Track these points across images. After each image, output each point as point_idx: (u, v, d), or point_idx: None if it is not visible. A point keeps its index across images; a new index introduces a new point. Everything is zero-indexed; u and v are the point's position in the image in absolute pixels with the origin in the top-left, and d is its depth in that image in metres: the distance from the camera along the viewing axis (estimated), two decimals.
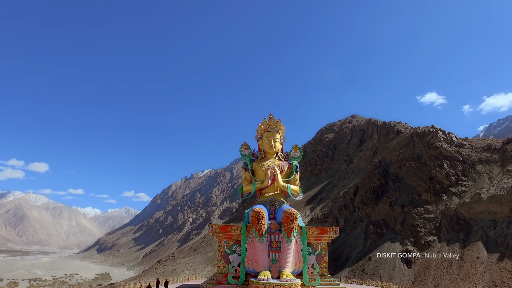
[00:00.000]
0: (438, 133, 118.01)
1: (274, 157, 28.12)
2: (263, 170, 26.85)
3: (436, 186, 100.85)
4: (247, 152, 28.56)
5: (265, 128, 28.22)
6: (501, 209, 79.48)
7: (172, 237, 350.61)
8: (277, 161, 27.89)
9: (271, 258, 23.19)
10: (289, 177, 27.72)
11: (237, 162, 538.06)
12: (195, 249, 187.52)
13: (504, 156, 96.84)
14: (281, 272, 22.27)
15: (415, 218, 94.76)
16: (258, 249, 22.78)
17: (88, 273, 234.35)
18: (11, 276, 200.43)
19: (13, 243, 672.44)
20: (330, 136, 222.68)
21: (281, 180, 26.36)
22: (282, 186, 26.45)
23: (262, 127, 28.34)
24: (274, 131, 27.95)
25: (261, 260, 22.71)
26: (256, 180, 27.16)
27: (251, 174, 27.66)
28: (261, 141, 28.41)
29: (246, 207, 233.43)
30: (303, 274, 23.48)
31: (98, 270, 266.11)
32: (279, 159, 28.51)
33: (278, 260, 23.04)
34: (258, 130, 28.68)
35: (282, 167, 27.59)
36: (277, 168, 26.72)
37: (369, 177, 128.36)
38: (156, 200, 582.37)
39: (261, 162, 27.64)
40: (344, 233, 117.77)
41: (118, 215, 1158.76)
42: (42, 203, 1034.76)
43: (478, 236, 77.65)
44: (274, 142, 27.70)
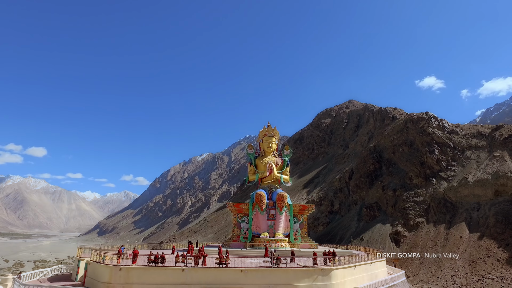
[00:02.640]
0: (431, 119, 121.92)
1: (271, 155, 38.78)
2: (263, 164, 37.18)
3: (427, 171, 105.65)
4: (251, 151, 39.34)
5: (265, 133, 38.51)
6: (485, 192, 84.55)
7: (171, 220, 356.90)
8: (273, 158, 38.33)
9: (268, 224, 34.59)
10: (282, 169, 38.31)
11: (235, 146, 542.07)
12: (195, 231, 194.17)
13: (492, 142, 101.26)
14: (275, 233, 33.99)
15: (405, 201, 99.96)
16: (260, 219, 34.39)
17: None
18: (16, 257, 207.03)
19: (14, 226, 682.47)
20: (327, 121, 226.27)
21: (276, 172, 37.09)
22: (277, 176, 37.10)
23: (262, 133, 38.74)
24: (271, 136, 38.31)
25: (262, 226, 34.29)
26: (258, 171, 37.31)
27: (254, 167, 37.96)
28: (262, 143, 38.78)
29: (244, 190, 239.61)
30: (290, 235, 35.01)
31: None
32: (274, 156, 38.95)
33: (273, 226, 34.48)
34: (259, 134, 39.35)
35: (277, 162, 37.97)
36: (273, 163, 37.45)
37: (364, 162, 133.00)
38: (155, 184, 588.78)
39: (261, 159, 37.98)
40: (338, 215, 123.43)
41: (117, 199, 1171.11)
42: (42, 187, 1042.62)
43: (463, 217, 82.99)
44: (271, 144, 38.16)
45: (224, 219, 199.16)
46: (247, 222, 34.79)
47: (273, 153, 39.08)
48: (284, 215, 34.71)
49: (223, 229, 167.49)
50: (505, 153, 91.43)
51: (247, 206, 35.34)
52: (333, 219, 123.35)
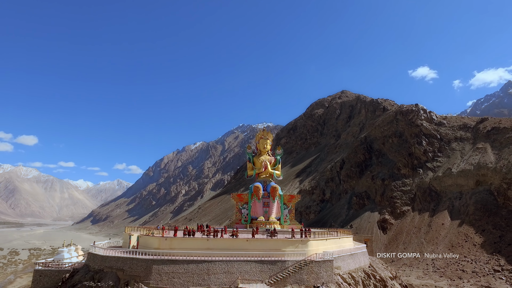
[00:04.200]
0: (419, 111, 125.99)
1: (266, 154, 47.29)
2: (260, 162, 45.53)
3: (414, 162, 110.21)
4: (250, 151, 48.01)
5: (261, 136, 47.28)
6: (467, 182, 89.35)
7: (165, 208, 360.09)
8: (267, 157, 46.71)
9: (264, 210, 42.94)
10: (275, 166, 46.71)
11: (229, 135, 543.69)
12: (190, 219, 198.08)
13: (476, 135, 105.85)
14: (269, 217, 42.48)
15: (393, 190, 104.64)
16: (257, 206, 42.69)
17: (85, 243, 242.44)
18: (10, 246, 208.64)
19: (6, 215, 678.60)
20: (320, 112, 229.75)
21: (270, 168, 45.23)
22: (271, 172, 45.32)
23: (259, 136, 47.88)
24: (266, 138, 47.10)
25: (259, 211, 42.60)
26: (255, 168, 45.89)
27: (252, 164, 46.60)
28: (258, 144, 47.38)
29: (238, 179, 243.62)
30: (280, 218, 43.44)
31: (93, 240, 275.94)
32: (269, 155, 47.22)
33: (267, 212, 42.97)
34: (256, 137, 48.04)
35: (271, 160, 46.30)
36: (267, 161, 45.80)
37: (354, 152, 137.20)
38: (148, 173, 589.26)
39: (258, 157, 46.55)
40: (329, 204, 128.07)
41: (111, 187, 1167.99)
42: (33, 176, 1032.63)
43: (446, 206, 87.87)
44: (266, 145, 46.68)
45: (219, 207, 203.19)
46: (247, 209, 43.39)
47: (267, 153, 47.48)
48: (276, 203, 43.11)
49: (218, 217, 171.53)
50: (487, 145, 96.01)
51: (247, 196, 43.62)
52: (324, 207, 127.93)
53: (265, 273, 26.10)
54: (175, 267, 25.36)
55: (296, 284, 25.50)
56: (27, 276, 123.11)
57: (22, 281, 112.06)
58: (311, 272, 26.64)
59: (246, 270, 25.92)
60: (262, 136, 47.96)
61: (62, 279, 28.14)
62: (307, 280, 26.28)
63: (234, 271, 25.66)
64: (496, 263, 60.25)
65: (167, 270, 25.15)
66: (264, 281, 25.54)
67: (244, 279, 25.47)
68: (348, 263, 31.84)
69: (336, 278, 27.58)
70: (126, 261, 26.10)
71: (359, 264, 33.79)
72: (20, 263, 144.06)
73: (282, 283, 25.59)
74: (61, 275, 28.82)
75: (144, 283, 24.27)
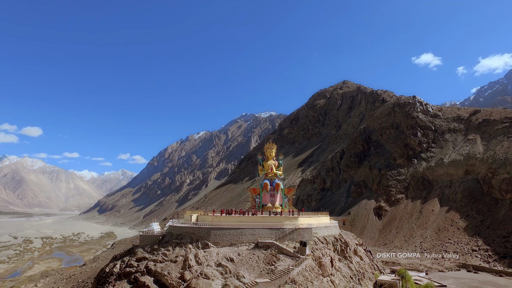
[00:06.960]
0: (416, 104, 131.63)
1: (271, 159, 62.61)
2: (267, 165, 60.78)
3: (409, 152, 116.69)
4: (261, 157, 62.83)
5: (268, 147, 62.12)
6: (457, 171, 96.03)
7: (170, 197, 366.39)
8: (273, 162, 61.66)
9: (271, 200, 57.84)
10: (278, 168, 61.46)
11: (232, 124, 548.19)
12: (197, 208, 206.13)
13: (468, 126, 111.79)
14: (274, 204, 57.24)
15: (389, 179, 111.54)
16: (266, 196, 58.26)
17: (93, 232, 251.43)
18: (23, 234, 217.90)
19: (15, 205, 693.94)
20: (321, 102, 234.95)
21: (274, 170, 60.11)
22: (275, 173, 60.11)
23: (266, 146, 62.87)
24: (272, 148, 62.45)
25: (267, 200, 57.87)
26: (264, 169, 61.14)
27: (262, 167, 61.62)
28: (266, 152, 62.28)
29: (242, 169, 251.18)
30: (282, 205, 57.78)
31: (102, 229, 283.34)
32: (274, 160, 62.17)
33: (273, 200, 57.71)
34: (265, 147, 62.98)
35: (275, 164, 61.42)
36: (273, 165, 61.23)
37: (354, 143, 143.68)
38: (153, 163, 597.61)
39: (266, 162, 61.81)
40: (330, 192, 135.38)
41: (115, 177, 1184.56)
42: (39, 167, 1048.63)
43: (436, 194, 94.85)
44: (271, 153, 61.49)
45: (224, 196, 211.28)
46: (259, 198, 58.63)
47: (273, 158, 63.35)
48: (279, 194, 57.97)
49: (224, 206, 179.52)
50: (477, 137, 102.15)
51: (259, 189, 59.22)
52: (325, 195, 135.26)
53: (273, 234, 42.88)
54: (222, 232, 42.03)
55: (290, 240, 42.80)
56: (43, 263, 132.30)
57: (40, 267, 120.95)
58: (299, 234, 43.14)
59: (262, 233, 42.58)
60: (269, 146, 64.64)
61: (158, 239, 44.85)
62: (296, 238, 42.84)
63: (255, 234, 42.38)
64: (475, 244, 67.71)
65: (219, 233, 41.88)
66: (272, 239, 42.79)
67: (261, 237, 42.53)
68: (323, 231, 48.11)
69: (314, 239, 43.86)
70: (195, 229, 43.18)
71: (331, 232, 49.97)
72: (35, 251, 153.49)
73: (282, 239, 42.88)
74: (155, 238, 45.43)
75: (206, 240, 41.60)
